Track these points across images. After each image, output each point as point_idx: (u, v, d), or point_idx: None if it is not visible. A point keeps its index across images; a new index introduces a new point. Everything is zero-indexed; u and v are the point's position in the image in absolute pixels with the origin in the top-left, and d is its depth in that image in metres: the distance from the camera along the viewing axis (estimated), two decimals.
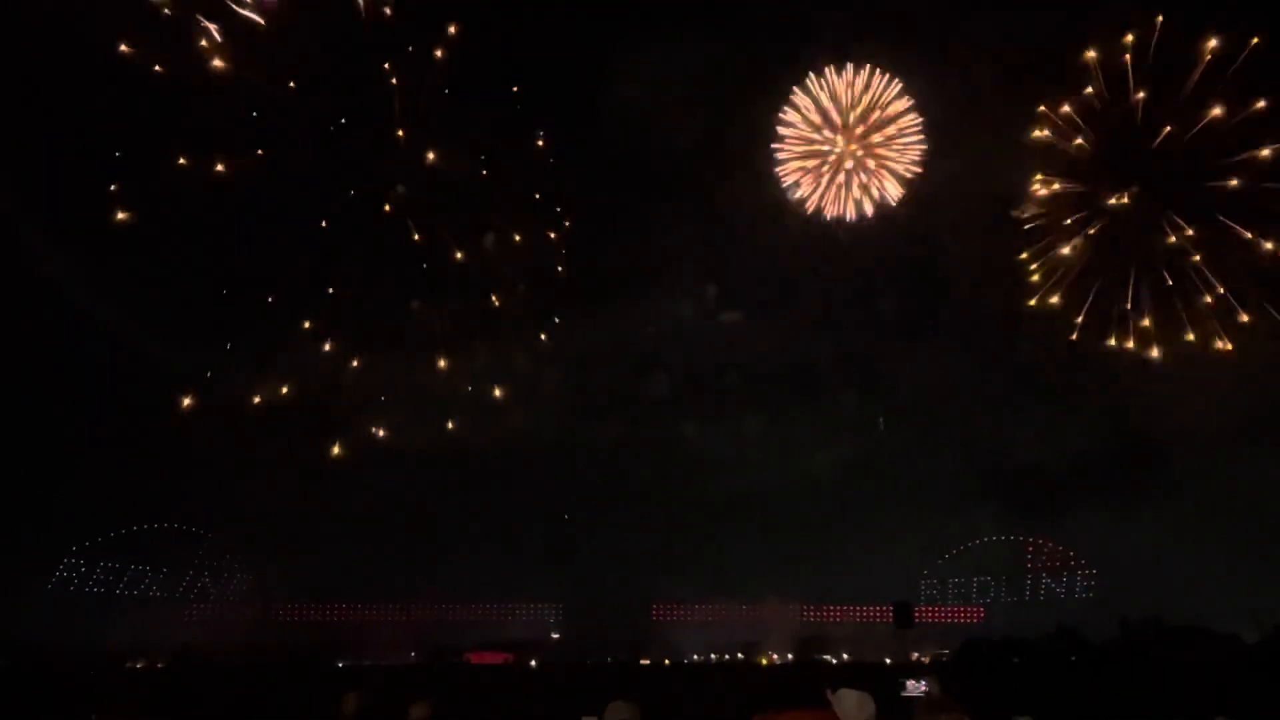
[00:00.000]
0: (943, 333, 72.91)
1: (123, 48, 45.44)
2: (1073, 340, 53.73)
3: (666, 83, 61.16)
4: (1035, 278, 53.71)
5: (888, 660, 72.02)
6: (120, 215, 48.17)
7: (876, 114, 58.22)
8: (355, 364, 57.24)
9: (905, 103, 57.81)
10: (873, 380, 77.45)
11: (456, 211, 56.52)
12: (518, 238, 58.11)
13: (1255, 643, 64.60)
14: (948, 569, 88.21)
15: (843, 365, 75.73)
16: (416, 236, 54.96)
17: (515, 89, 55.64)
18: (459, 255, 56.35)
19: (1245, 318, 49.78)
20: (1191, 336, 51.06)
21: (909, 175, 58.96)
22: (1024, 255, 54.01)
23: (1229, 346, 49.93)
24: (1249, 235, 48.53)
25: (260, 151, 50.10)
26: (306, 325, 55.33)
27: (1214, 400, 53.79)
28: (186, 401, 54.69)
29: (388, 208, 54.69)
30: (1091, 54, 49.19)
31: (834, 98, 58.97)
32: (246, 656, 68.16)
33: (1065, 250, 52.74)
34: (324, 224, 53.33)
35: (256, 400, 56.66)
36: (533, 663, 79.62)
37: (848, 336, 75.95)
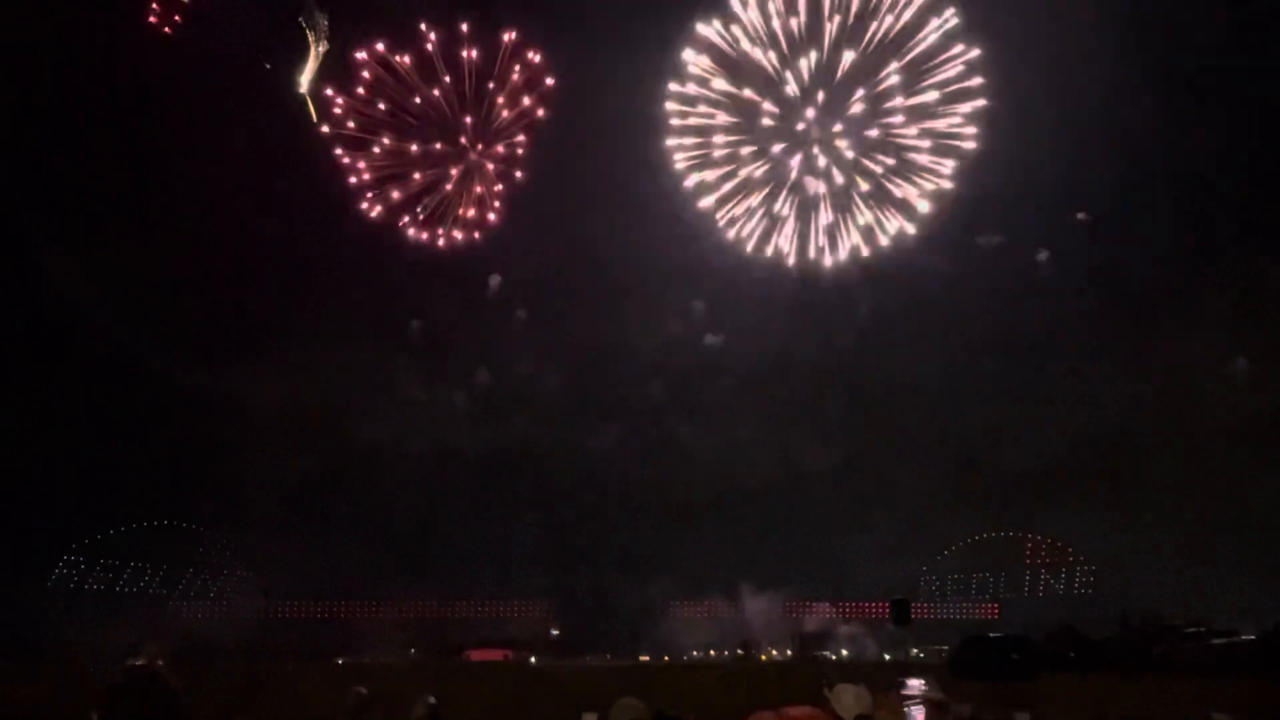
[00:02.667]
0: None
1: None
2: None
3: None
4: None
5: (887, 656, 72.01)
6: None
7: None
8: (355, 366, 57.44)
9: None
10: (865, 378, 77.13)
11: None
12: None
13: (1254, 640, 64.57)
14: (947, 566, 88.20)
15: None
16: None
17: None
18: None
19: None
20: None
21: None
22: None
23: None
24: None
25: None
26: (307, 329, 55.62)
27: (1210, 399, 53.83)
28: (189, 402, 54.98)
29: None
30: None
31: None
32: (247, 654, 68.16)
33: None
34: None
35: (258, 401, 56.81)
36: (532, 659, 79.60)
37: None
